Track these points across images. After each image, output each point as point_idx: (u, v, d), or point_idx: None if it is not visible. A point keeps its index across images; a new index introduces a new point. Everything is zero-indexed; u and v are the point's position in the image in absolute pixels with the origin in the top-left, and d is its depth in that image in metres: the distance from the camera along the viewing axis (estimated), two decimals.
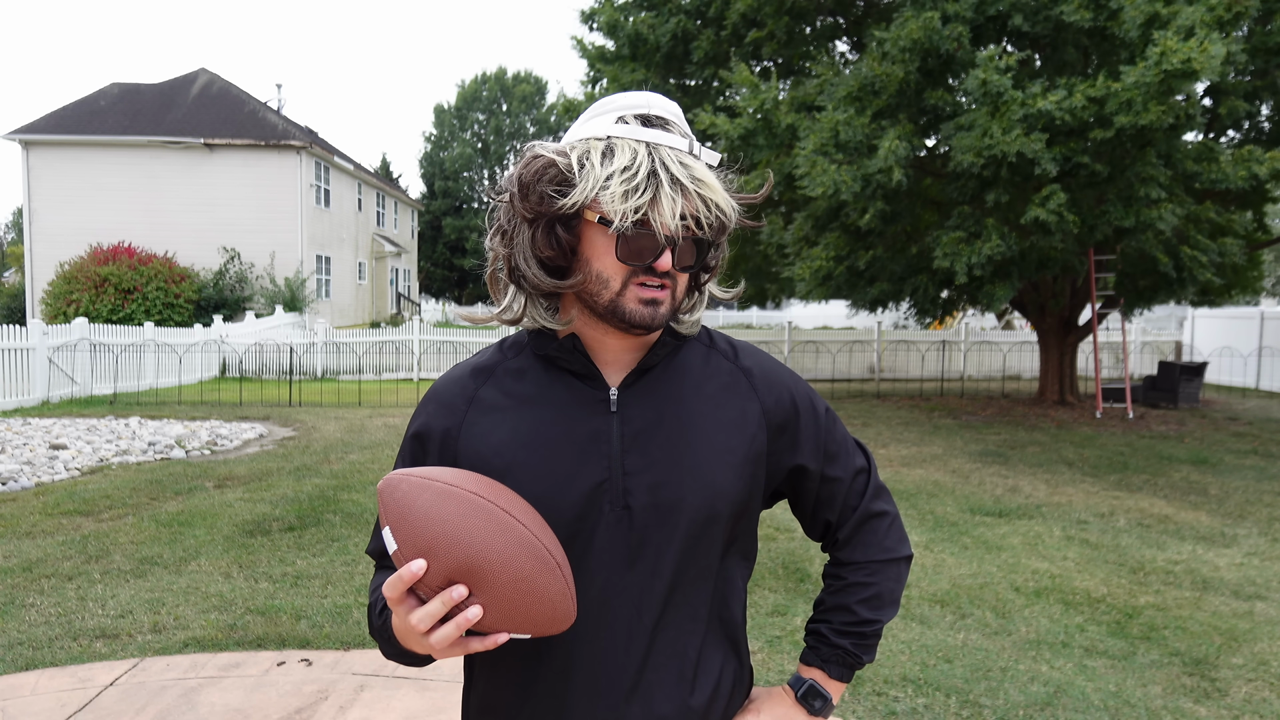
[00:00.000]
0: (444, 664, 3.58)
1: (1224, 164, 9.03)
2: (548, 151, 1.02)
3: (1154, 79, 7.77)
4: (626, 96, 1.04)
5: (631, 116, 1.02)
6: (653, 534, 1.04)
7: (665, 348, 1.09)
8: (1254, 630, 4.13)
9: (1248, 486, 7.50)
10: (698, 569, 1.07)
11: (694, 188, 0.99)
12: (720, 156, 1.06)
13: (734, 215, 1.04)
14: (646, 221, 0.98)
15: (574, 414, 1.06)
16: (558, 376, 1.09)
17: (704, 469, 1.06)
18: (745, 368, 1.14)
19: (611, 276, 1.01)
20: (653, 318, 1.01)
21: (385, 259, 32.17)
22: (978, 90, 8.54)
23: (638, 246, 0.99)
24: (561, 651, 1.05)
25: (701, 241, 1.02)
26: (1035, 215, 8.65)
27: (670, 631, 1.06)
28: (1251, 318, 17.56)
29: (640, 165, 0.97)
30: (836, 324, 31.73)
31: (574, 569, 1.03)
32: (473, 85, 48.53)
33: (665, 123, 1.03)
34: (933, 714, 3.24)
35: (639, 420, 1.06)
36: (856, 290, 11.68)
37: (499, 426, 1.07)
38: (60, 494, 6.64)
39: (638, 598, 1.04)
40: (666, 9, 12.03)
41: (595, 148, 0.99)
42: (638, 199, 0.96)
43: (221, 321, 18.34)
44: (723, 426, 1.09)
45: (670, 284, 1.02)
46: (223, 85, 26.04)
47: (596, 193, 0.97)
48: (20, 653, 3.73)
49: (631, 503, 1.04)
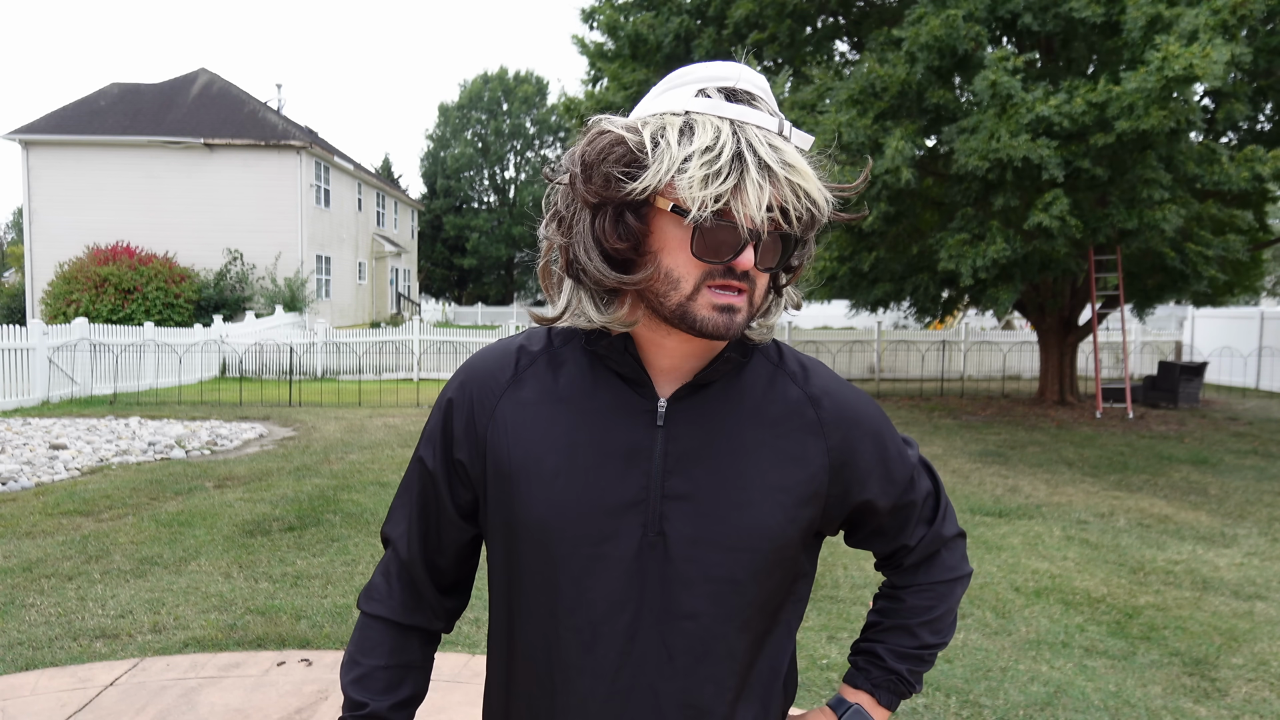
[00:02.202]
0: (444, 664, 3.58)
1: (1226, 165, 9.02)
2: (616, 127, 0.88)
3: (1155, 84, 7.77)
4: (709, 67, 0.90)
5: (714, 90, 0.88)
6: (688, 569, 0.92)
7: (728, 362, 0.96)
8: (1254, 630, 4.13)
9: (1248, 486, 7.49)
10: (736, 613, 0.95)
11: (784, 174, 0.85)
12: (812, 139, 0.91)
13: (827, 208, 0.90)
14: (728, 212, 0.84)
15: (614, 421, 0.94)
16: (603, 377, 0.97)
17: (753, 505, 0.94)
18: (814, 396, 1.00)
19: (684, 276, 0.87)
20: (728, 327, 0.88)
21: (385, 259, 32.17)
22: (986, 91, 8.52)
23: (716, 241, 0.85)
24: (581, 688, 0.94)
25: (788, 237, 0.89)
26: (1038, 220, 8.65)
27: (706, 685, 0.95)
28: (1251, 318, 17.56)
29: (724, 146, 0.83)
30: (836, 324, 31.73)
31: (596, 594, 0.93)
32: (475, 85, 48.54)
33: (753, 98, 0.89)
34: (933, 714, 3.24)
35: (687, 439, 0.94)
36: (859, 290, 11.69)
37: (531, 421, 0.96)
38: (60, 494, 6.64)
39: (671, 638, 0.93)
40: (667, 9, 12.02)
41: (672, 124, 0.86)
42: (719, 185, 0.82)
43: (221, 321, 18.34)
44: (780, 460, 0.96)
45: (749, 287, 0.88)
46: (223, 85, 26.04)
47: (672, 176, 0.84)
48: (20, 653, 3.73)
49: (668, 530, 0.92)
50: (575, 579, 0.93)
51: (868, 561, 5.13)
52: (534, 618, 0.96)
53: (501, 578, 1.00)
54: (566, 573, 0.93)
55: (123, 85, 25.74)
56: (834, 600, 4.48)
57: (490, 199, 48.67)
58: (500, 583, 1.00)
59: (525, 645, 0.97)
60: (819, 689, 3.45)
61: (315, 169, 24.84)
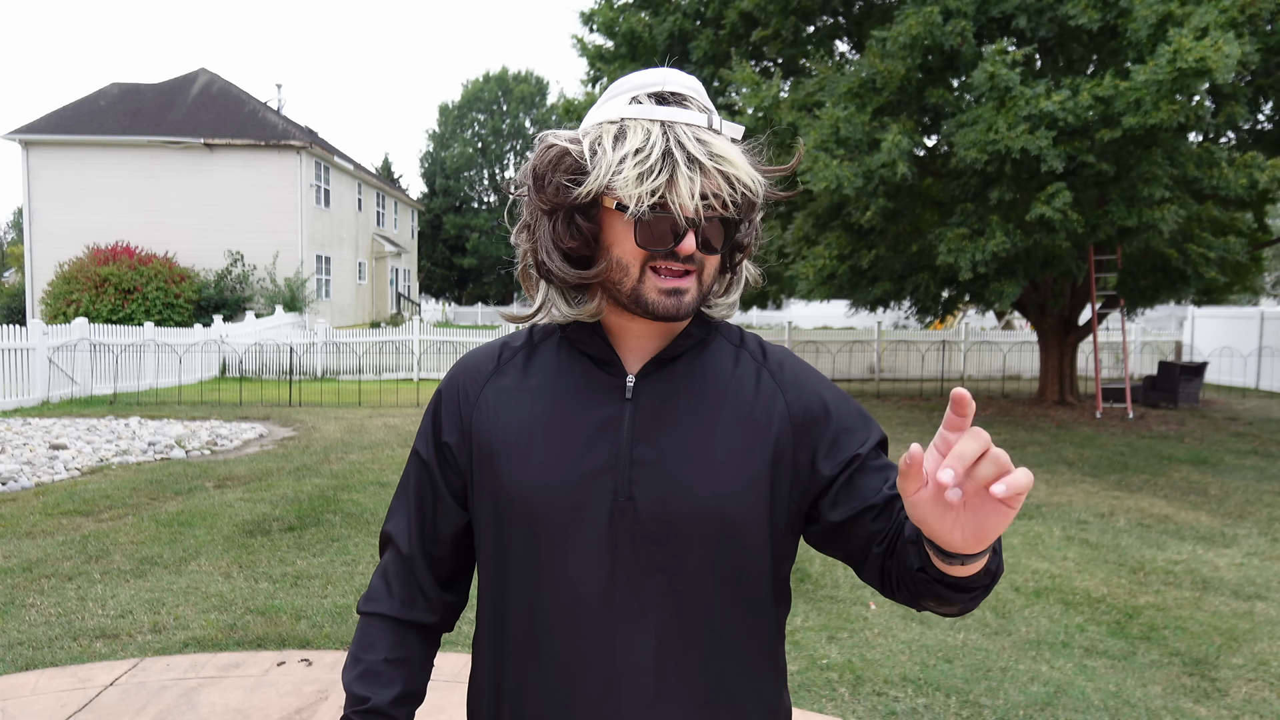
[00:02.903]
0: (444, 664, 3.58)
1: (1225, 170, 9.00)
2: (560, 140, 0.99)
3: (1167, 77, 7.75)
4: (641, 75, 1.00)
5: (645, 95, 0.97)
6: (657, 528, 0.99)
7: (690, 338, 1.05)
8: (1254, 630, 4.13)
9: (1248, 486, 7.49)
10: (705, 569, 1.00)
11: (713, 165, 0.93)
12: (742, 129, 1.00)
13: (761, 190, 0.99)
14: (665, 204, 0.94)
15: (588, 399, 1.03)
16: (577, 360, 1.06)
17: (718, 466, 1.00)
18: (772, 367, 1.09)
19: (631, 263, 0.97)
20: (677, 308, 0.97)
21: (385, 259, 32.17)
22: (984, 84, 8.52)
23: (657, 231, 0.94)
24: (565, 648, 1.00)
25: (729, 220, 0.97)
26: (1041, 213, 8.64)
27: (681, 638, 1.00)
28: (1251, 318, 17.56)
29: (654, 145, 0.92)
30: (836, 324, 31.74)
31: (573, 558, 0.99)
32: (475, 85, 48.56)
33: (682, 98, 0.98)
34: (933, 714, 3.24)
35: (653, 409, 1.02)
36: (859, 290, 11.67)
37: (512, 405, 1.05)
38: (60, 494, 6.64)
39: (643, 593, 0.99)
40: (664, 9, 12.02)
41: (608, 131, 0.96)
42: (653, 181, 0.92)
43: (221, 321, 18.33)
44: (743, 423, 1.03)
45: (695, 268, 0.97)
46: (223, 85, 26.04)
47: (610, 178, 0.94)
48: (20, 653, 3.73)
49: (636, 493, 0.99)
50: (554, 545, 1.00)
51: None
52: (518, 585, 1.02)
53: (489, 552, 1.06)
54: (545, 539, 1.00)
55: (123, 85, 25.74)
56: (834, 600, 4.48)
57: (490, 199, 48.67)
58: (488, 557, 1.06)
59: (511, 611, 1.03)
60: (819, 689, 3.45)
61: (315, 169, 24.84)
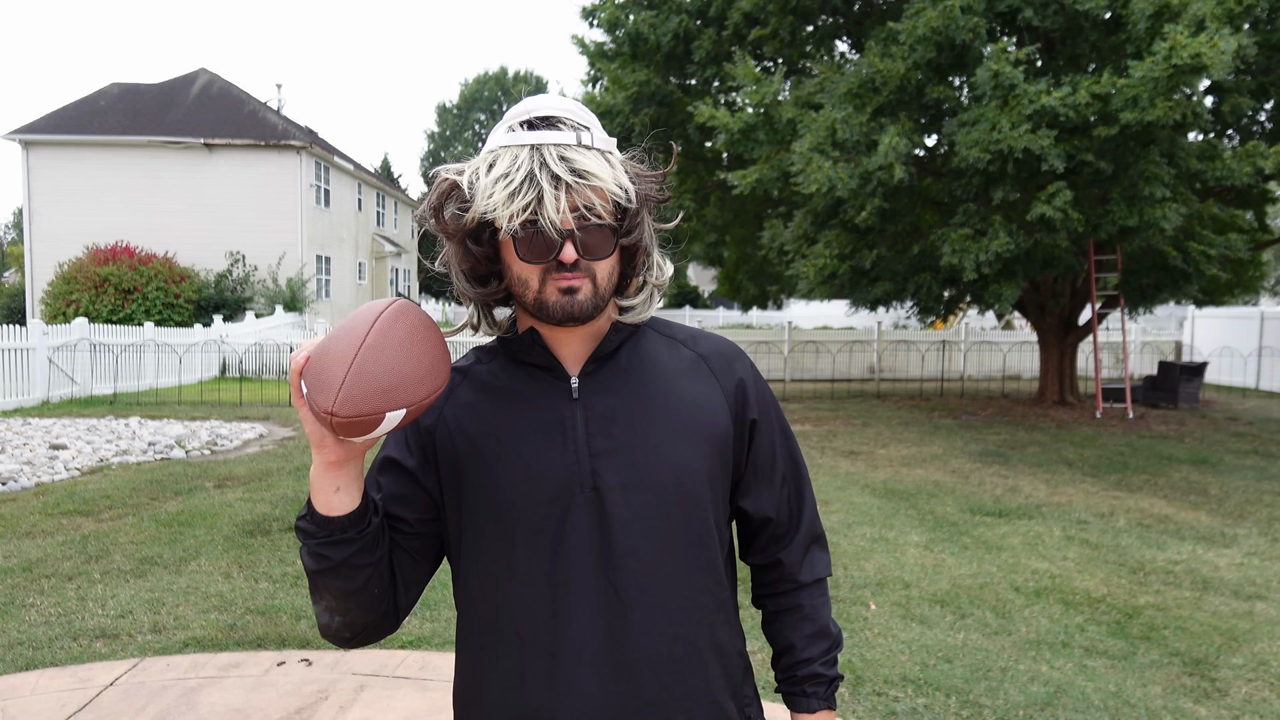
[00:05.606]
0: (444, 665, 3.58)
1: (1228, 161, 9.03)
2: (450, 173, 1.07)
3: (1163, 73, 7.76)
4: (519, 104, 1.08)
5: (518, 124, 1.05)
6: (621, 512, 1.07)
7: (620, 332, 1.13)
8: (1254, 630, 4.13)
9: (1248, 486, 7.49)
10: (668, 544, 1.09)
11: (574, 180, 1.00)
12: (614, 140, 1.08)
13: (634, 194, 1.05)
14: (539, 220, 1.01)
15: (539, 403, 1.11)
16: (524, 371, 1.14)
17: (669, 447, 1.10)
18: (704, 354, 1.19)
19: (528, 277, 1.05)
20: (570, 305, 1.04)
21: (385, 259, 32.16)
22: (989, 82, 8.51)
23: (535, 246, 1.02)
24: (545, 627, 1.07)
25: (608, 226, 1.04)
26: (1041, 212, 8.64)
27: (653, 612, 1.08)
28: (1251, 318, 17.56)
29: (518, 169, 1.00)
30: (836, 324, 31.73)
31: (553, 551, 1.08)
32: (475, 85, 48.55)
33: (552, 120, 1.04)
34: (933, 714, 3.24)
35: (601, 405, 1.11)
36: (860, 289, 11.66)
37: (472, 420, 1.12)
38: (60, 494, 6.64)
39: (615, 575, 1.07)
40: (667, 8, 12.02)
41: (484, 161, 1.04)
42: (521, 200, 0.99)
43: (221, 321, 18.33)
44: (686, 406, 1.13)
45: (586, 273, 1.04)
46: (223, 85, 26.03)
47: (485, 203, 1.01)
48: (20, 653, 3.73)
49: (599, 484, 1.08)
50: (527, 540, 1.08)
51: (868, 561, 5.13)
52: (498, 584, 1.10)
53: (470, 559, 1.13)
54: (520, 536, 1.08)
55: (123, 85, 25.73)
56: (834, 600, 4.48)
57: None
58: (469, 564, 1.13)
59: (493, 610, 1.10)
60: None
61: (315, 169, 24.82)
